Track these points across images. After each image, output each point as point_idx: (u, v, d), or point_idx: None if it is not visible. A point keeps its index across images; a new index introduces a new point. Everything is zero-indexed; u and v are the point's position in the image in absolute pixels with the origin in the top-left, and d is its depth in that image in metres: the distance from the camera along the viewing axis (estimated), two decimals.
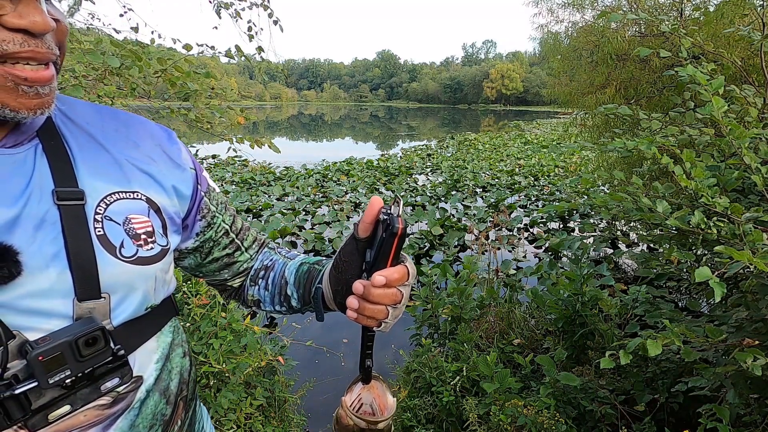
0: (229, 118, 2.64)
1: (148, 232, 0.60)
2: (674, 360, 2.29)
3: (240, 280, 0.81)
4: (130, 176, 0.61)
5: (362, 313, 0.58)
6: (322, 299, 0.69)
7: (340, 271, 0.62)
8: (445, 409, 2.51)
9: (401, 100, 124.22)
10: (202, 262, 0.76)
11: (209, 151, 13.84)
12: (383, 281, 0.55)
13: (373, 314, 0.57)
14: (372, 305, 0.57)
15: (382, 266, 0.55)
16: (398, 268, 0.56)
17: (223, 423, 2.09)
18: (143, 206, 0.61)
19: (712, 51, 2.12)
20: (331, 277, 0.65)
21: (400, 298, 0.58)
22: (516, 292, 4.29)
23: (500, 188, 9.56)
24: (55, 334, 0.50)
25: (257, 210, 7.84)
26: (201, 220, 0.72)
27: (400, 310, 0.59)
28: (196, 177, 0.71)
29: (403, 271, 0.56)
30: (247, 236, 0.81)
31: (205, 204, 0.72)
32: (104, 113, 0.66)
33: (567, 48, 5.43)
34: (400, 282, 0.56)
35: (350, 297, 0.58)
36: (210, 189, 0.74)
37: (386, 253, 0.54)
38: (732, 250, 1.16)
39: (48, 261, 0.51)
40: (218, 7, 2.78)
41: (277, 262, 0.80)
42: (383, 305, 0.57)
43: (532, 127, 27.59)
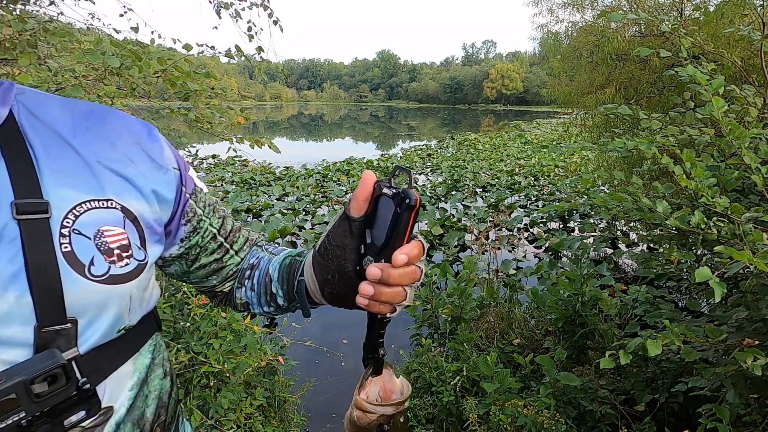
0: (229, 118, 2.64)
1: (123, 245, 0.54)
2: (674, 360, 2.29)
3: (230, 284, 0.75)
4: (104, 182, 0.54)
5: (378, 299, 0.51)
6: (306, 293, 0.63)
7: (330, 257, 0.55)
8: (445, 409, 2.51)
9: (401, 100, 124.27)
10: (189, 269, 0.70)
11: (209, 151, 13.84)
12: (406, 260, 0.48)
13: (391, 298, 0.51)
14: (390, 289, 0.51)
15: (398, 244, 0.48)
16: (416, 243, 0.50)
17: (223, 423, 2.09)
18: (118, 216, 0.54)
19: (712, 51, 2.12)
20: (317, 266, 0.58)
21: (419, 275, 0.52)
22: (516, 292, 4.29)
23: (500, 188, 9.56)
24: (9, 372, 0.45)
25: (257, 210, 7.85)
26: (186, 225, 0.65)
27: (413, 290, 0.54)
28: (180, 178, 0.64)
29: (420, 245, 0.51)
30: (238, 238, 0.74)
31: (190, 207, 0.65)
32: (76, 108, 0.59)
33: (567, 48, 5.43)
34: (419, 258, 0.51)
35: (363, 283, 0.51)
36: (196, 190, 0.67)
37: (403, 229, 0.48)
38: (732, 250, 1.16)
39: (5, 283, 0.46)
40: (218, 7, 2.78)
41: (263, 260, 0.73)
42: (401, 287, 0.51)
43: (532, 127, 27.60)
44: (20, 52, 2.01)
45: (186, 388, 2.15)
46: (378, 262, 0.50)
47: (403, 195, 0.47)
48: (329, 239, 0.55)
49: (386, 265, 0.49)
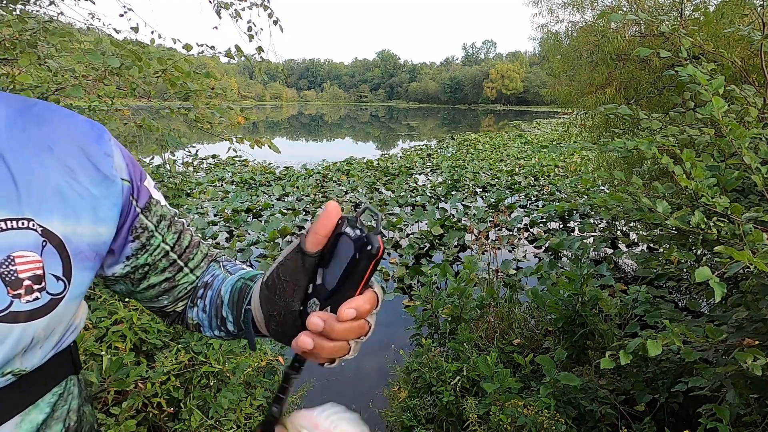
0: (229, 118, 2.64)
1: (36, 276, 0.45)
2: (674, 360, 2.29)
3: (183, 303, 0.66)
4: (25, 196, 0.45)
5: (318, 353, 0.45)
6: (253, 324, 0.55)
7: (278, 293, 0.48)
8: (445, 409, 2.51)
9: (401, 100, 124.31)
10: (135, 289, 0.61)
11: (209, 151, 13.84)
12: (353, 314, 0.43)
13: (332, 353, 0.45)
14: (332, 343, 0.44)
15: (350, 294, 0.43)
16: (368, 296, 0.44)
17: (223, 423, 2.09)
18: (35, 240, 0.45)
19: (712, 51, 2.12)
20: (263, 299, 0.51)
21: (367, 330, 0.46)
22: (516, 292, 4.29)
23: (500, 188, 9.56)
24: None
25: (257, 210, 7.85)
26: (133, 242, 0.57)
27: (359, 345, 0.48)
28: (131, 190, 0.56)
29: (374, 299, 0.45)
30: (195, 255, 0.65)
31: (140, 223, 0.57)
32: (13, 104, 0.50)
33: (567, 48, 5.43)
34: (369, 313, 0.45)
35: (303, 334, 0.45)
36: (151, 203, 0.59)
37: (358, 278, 0.42)
38: (732, 250, 1.16)
39: None
40: (218, 7, 2.78)
41: (217, 279, 0.65)
42: (346, 341, 0.45)
43: (532, 127, 27.60)
44: (20, 52, 2.01)
45: (186, 388, 2.16)
46: (324, 308, 0.45)
47: (366, 240, 0.42)
48: (278, 272, 0.48)
49: (331, 315, 0.44)
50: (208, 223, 6.83)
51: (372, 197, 8.77)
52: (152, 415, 2.01)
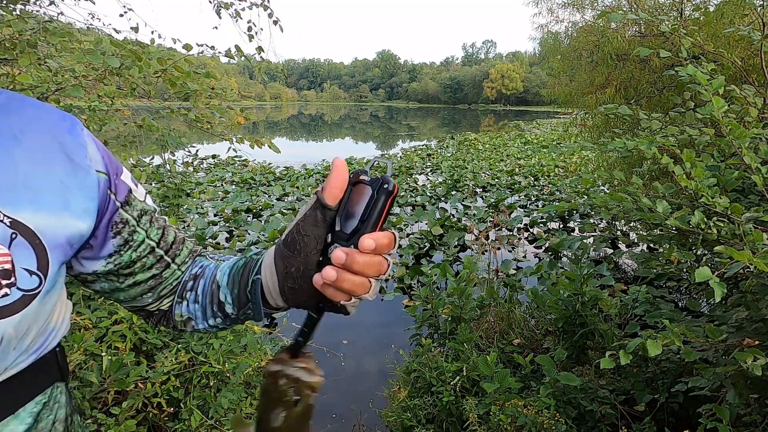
0: (229, 118, 2.64)
1: (4, 270, 0.43)
2: (674, 360, 2.29)
3: (168, 300, 0.64)
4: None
5: (340, 286, 0.47)
6: (262, 293, 0.56)
7: (298, 248, 0.50)
8: (445, 409, 2.51)
9: (401, 100, 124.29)
10: (121, 286, 0.59)
11: (209, 151, 13.84)
12: (373, 245, 0.45)
13: (353, 288, 0.47)
14: (354, 276, 0.47)
15: (372, 229, 0.47)
16: (387, 233, 0.47)
17: (223, 423, 2.09)
18: (2, 232, 0.43)
19: (712, 51, 2.12)
20: (280, 258, 0.52)
21: (386, 268, 0.49)
22: (516, 292, 4.29)
23: (500, 188, 9.56)
24: None
25: (257, 210, 7.85)
26: (115, 237, 0.54)
27: (378, 284, 0.50)
28: (108, 183, 0.53)
29: (392, 236, 0.48)
30: (181, 250, 0.63)
31: (121, 217, 0.55)
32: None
33: (567, 48, 5.43)
34: (388, 249, 0.48)
35: (327, 267, 0.47)
36: (130, 197, 0.56)
37: (377, 215, 0.47)
38: (732, 250, 1.16)
39: None
40: (218, 7, 2.78)
41: (208, 268, 0.64)
42: (366, 277, 0.47)
43: (532, 127, 27.60)
44: (20, 52, 2.01)
45: (186, 388, 2.16)
46: (347, 247, 0.48)
47: (382, 180, 0.47)
48: (298, 229, 0.50)
49: (353, 249, 0.47)
50: (208, 223, 6.83)
51: None
52: (152, 415, 2.01)
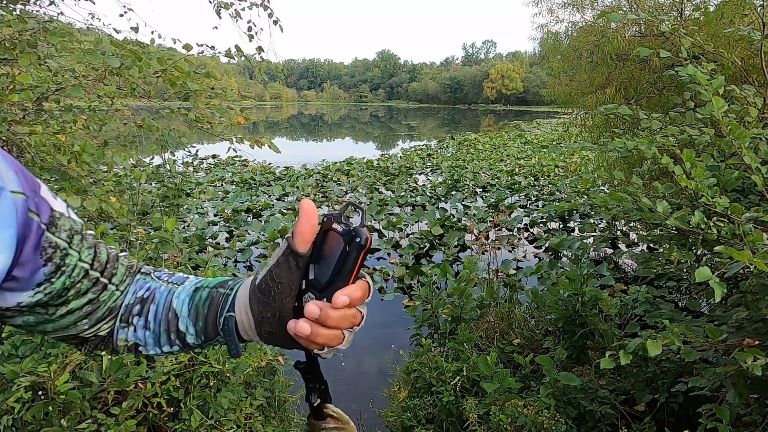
0: (229, 118, 2.64)
1: None
2: (674, 360, 2.29)
3: (107, 325, 0.57)
4: None
5: (314, 341, 0.47)
6: (236, 328, 0.53)
7: (272, 295, 0.49)
8: (445, 409, 2.51)
9: (401, 100, 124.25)
10: (50, 318, 0.52)
11: (209, 151, 13.85)
12: (347, 301, 0.45)
13: (327, 341, 0.48)
14: (328, 330, 0.47)
15: (342, 284, 0.46)
16: (360, 284, 0.47)
17: (223, 423, 2.09)
18: None
19: (712, 51, 2.12)
20: (255, 303, 0.51)
21: (360, 320, 0.49)
22: (516, 292, 4.29)
23: (500, 188, 9.56)
24: None
25: (257, 210, 7.85)
26: (46, 265, 0.47)
27: (352, 335, 0.50)
28: (27, 203, 0.45)
29: (365, 287, 0.48)
30: (117, 268, 0.57)
31: (48, 241, 0.47)
32: None
33: (567, 48, 5.43)
34: (362, 301, 0.48)
35: (301, 321, 0.47)
36: (54, 216, 0.48)
37: (349, 270, 0.46)
38: (732, 250, 1.16)
39: None
40: (218, 7, 2.78)
41: (158, 292, 0.59)
42: (340, 329, 0.48)
43: (532, 127, 27.61)
44: (20, 52, 2.01)
45: (186, 388, 2.16)
46: (320, 300, 0.47)
47: (354, 233, 0.45)
48: (272, 275, 0.49)
49: (326, 304, 0.46)
50: (208, 223, 6.83)
51: (372, 197, 8.77)
52: (152, 415, 2.01)
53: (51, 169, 2.35)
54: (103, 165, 2.80)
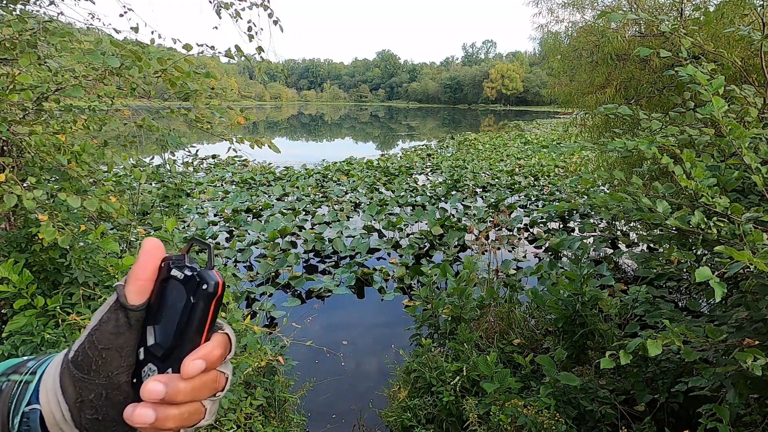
0: (229, 118, 2.64)
1: None
2: (674, 360, 2.29)
3: None
4: None
5: (164, 427, 0.36)
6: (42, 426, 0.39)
7: (94, 369, 0.37)
8: (445, 409, 2.51)
9: (401, 100, 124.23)
10: None
11: (209, 151, 13.85)
12: (201, 366, 0.35)
13: (183, 422, 0.36)
14: (180, 409, 0.36)
15: (192, 345, 0.36)
16: (217, 340, 0.37)
17: (223, 423, 2.09)
18: None
19: (712, 51, 2.12)
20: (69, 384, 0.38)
21: (224, 383, 0.38)
22: (516, 292, 4.29)
23: (500, 188, 9.56)
24: None
25: (257, 210, 7.85)
26: None
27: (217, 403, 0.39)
28: None
29: (225, 341, 0.38)
30: None
31: None
32: None
33: (567, 48, 5.43)
34: (222, 359, 0.37)
35: (139, 407, 0.35)
36: None
37: (198, 325, 0.36)
38: (732, 250, 1.16)
39: None
40: (218, 7, 2.78)
41: None
42: (198, 401, 0.37)
43: (532, 127, 27.61)
44: (20, 52, 2.01)
45: None
46: (163, 371, 0.37)
47: (199, 278, 0.36)
48: (93, 341, 0.37)
49: (173, 376, 0.36)
50: (208, 223, 6.83)
51: (372, 197, 8.77)
52: None
53: (51, 169, 2.35)
54: (103, 165, 2.80)
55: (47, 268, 2.39)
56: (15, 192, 1.86)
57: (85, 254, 2.38)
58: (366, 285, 5.10)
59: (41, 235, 1.97)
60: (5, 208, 1.85)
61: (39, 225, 2.08)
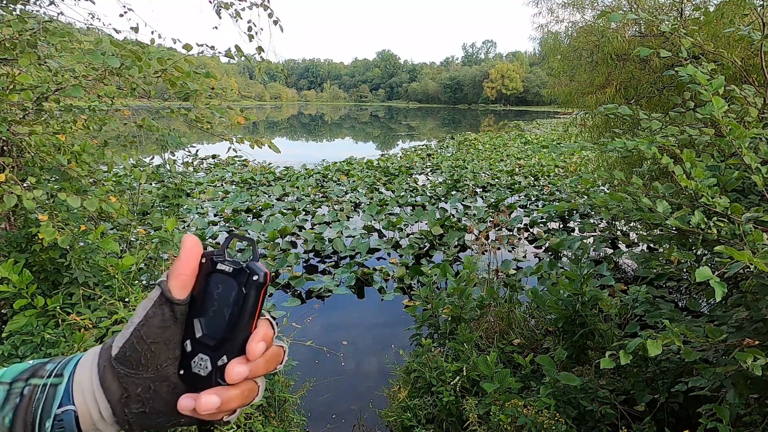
0: (229, 118, 2.64)
1: None
2: (674, 360, 2.29)
3: None
4: None
5: (227, 408, 0.39)
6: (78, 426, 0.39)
7: (143, 363, 0.39)
8: (445, 409, 2.51)
9: (401, 100, 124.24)
10: None
11: (209, 151, 13.85)
12: (264, 347, 0.39)
13: (243, 400, 0.39)
14: (241, 387, 0.39)
15: (245, 334, 0.39)
16: (266, 323, 0.40)
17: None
18: None
19: (712, 51, 2.12)
20: (110, 381, 0.39)
21: (282, 357, 0.42)
22: (516, 292, 4.29)
23: (500, 188, 9.56)
24: None
25: (257, 210, 7.85)
26: None
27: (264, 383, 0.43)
28: None
29: (270, 324, 0.41)
30: None
31: None
32: None
33: (567, 48, 5.43)
34: (270, 343, 0.40)
35: (205, 396, 0.38)
36: None
37: (250, 315, 0.39)
38: (732, 250, 1.16)
39: None
40: (218, 7, 2.78)
41: None
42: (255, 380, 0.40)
43: (532, 127, 27.62)
44: (20, 52, 2.01)
45: None
46: (216, 360, 0.39)
47: (249, 270, 0.38)
48: (141, 336, 0.38)
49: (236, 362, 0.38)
50: (208, 223, 6.83)
51: (372, 197, 8.77)
52: None
53: (51, 169, 2.35)
54: (103, 165, 2.80)
55: (47, 268, 2.39)
56: (15, 192, 1.86)
57: (85, 254, 2.38)
58: (366, 285, 5.10)
59: (41, 235, 1.97)
60: (5, 208, 1.85)
61: (39, 225, 2.09)
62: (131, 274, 2.49)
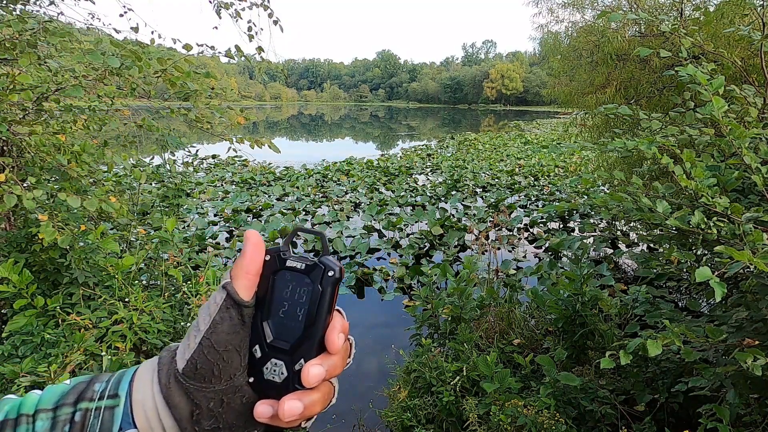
0: (229, 118, 2.64)
1: None
2: (674, 360, 2.29)
3: None
4: None
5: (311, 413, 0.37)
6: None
7: (215, 374, 0.36)
8: (445, 409, 2.51)
9: (401, 100, 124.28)
10: None
11: (209, 151, 13.85)
12: (343, 339, 0.37)
13: (324, 403, 0.37)
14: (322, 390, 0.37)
15: (321, 333, 0.36)
16: (339, 317, 0.39)
17: None
18: None
19: (712, 51, 2.12)
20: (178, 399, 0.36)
21: (351, 350, 0.40)
22: (516, 292, 4.29)
23: (500, 188, 9.56)
24: None
25: (257, 210, 7.85)
26: None
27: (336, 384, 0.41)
28: None
29: (344, 324, 0.39)
30: None
31: None
32: None
33: (567, 48, 5.43)
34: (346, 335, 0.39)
35: (288, 401, 0.35)
36: None
37: (329, 309, 0.37)
38: (732, 250, 1.16)
39: None
40: (218, 7, 2.79)
41: None
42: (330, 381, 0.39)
43: (532, 127, 27.62)
44: (20, 52, 2.01)
45: None
46: (293, 364, 0.36)
47: (323, 266, 0.36)
48: (212, 345, 0.35)
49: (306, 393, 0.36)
50: (208, 223, 6.83)
51: (372, 197, 8.77)
52: None
53: (51, 169, 2.35)
54: (103, 165, 2.80)
55: (47, 268, 2.39)
56: (15, 192, 1.86)
57: (85, 254, 2.38)
58: (366, 285, 5.10)
59: (41, 235, 1.97)
60: (5, 208, 1.85)
61: (39, 225, 2.09)
62: (131, 274, 2.49)
